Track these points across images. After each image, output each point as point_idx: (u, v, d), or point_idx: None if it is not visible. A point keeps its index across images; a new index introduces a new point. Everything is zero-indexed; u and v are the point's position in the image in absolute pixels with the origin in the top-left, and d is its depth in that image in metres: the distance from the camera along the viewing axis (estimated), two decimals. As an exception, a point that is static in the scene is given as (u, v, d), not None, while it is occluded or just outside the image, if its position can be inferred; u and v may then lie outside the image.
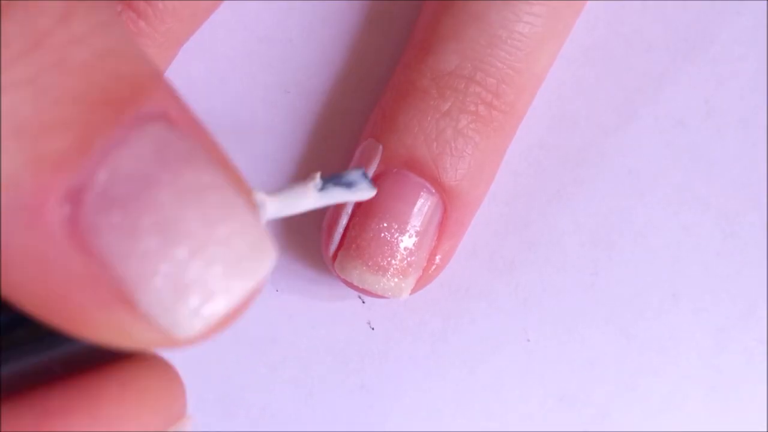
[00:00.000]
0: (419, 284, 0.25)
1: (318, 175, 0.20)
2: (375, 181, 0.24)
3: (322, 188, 0.20)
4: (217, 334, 0.14)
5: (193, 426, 0.15)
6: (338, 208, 0.25)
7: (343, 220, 0.24)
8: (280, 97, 0.27)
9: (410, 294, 0.25)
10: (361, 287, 0.24)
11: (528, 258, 0.27)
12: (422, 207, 0.24)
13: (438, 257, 0.25)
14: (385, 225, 0.24)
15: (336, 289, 0.26)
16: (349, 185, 0.20)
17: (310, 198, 0.19)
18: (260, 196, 0.17)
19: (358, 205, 0.24)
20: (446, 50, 0.24)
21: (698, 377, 0.26)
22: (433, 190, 0.24)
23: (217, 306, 0.13)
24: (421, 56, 0.25)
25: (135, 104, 0.13)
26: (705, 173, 0.27)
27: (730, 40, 0.27)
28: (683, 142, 0.27)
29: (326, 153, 0.27)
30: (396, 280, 0.24)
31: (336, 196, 0.20)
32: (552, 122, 0.27)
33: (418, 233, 0.24)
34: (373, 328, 0.26)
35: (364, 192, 0.20)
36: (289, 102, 0.27)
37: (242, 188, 0.14)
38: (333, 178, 0.20)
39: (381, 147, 0.24)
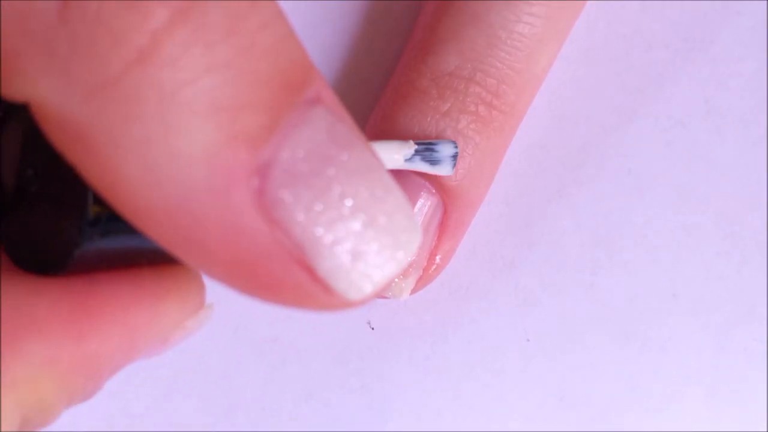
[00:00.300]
0: (419, 284, 0.25)
1: (414, 146, 0.21)
2: None
3: (410, 158, 0.21)
4: (375, 298, 0.15)
5: (209, 317, 0.18)
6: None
7: None
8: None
9: (410, 294, 0.25)
10: (360, 287, 0.24)
11: (528, 258, 0.27)
12: (422, 207, 0.24)
13: (438, 257, 0.25)
14: None
15: (336, 289, 0.26)
16: (433, 162, 0.22)
17: (394, 162, 0.21)
18: None
19: None
20: (446, 51, 0.24)
21: (698, 377, 0.26)
22: (434, 191, 0.24)
23: (387, 272, 0.15)
24: (421, 57, 0.25)
25: (306, 88, 0.14)
26: (705, 173, 0.27)
27: (730, 40, 0.27)
28: (683, 142, 0.27)
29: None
30: (396, 280, 0.24)
31: (417, 166, 0.22)
32: (552, 122, 0.27)
33: None
34: (373, 328, 0.27)
35: (443, 171, 0.22)
36: (289, 102, 0.27)
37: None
38: (425, 150, 0.22)
39: None
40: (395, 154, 0.21)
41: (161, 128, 0.13)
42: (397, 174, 0.24)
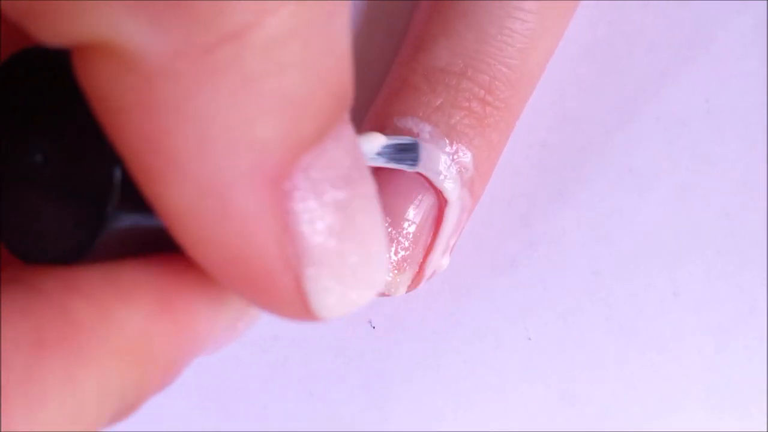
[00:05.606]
0: (416, 281, 0.25)
1: (384, 142, 0.22)
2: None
3: (378, 154, 0.22)
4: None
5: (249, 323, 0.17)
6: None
7: None
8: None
9: (407, 291, 0.25)
10: (356, 283, 0.24)
11: (529, 256, 0.27)
12: (419, 204, 0.24)
13: (434, 254, 0.25)
14: None
15: (336, 288, 0.26)
16: (398, 161, 0.22)
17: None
18: None
19: None
20: (437, 47, 0.24)
21: (698, 376, 0.26)
22: (429, 186, 0.24)
23: (363, 297, 0.15)
24: (413, 53, 0.25)
25: (348, 106, 0.14)
26: (705, 172, 0.27)
27: (731, 39, 0.27)
28: (684, 140, 0.27)
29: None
30: (391, 275, 0.24)
31: (381, 163, 0.22)
32: (553, 121, 0.27)
33: (413, 229, 0.24)
34: (374, 327, 0.27)
35: (406, 168, 0.23)
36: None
37: None
38: (393, 151, 0.22)
39: None
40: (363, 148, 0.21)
41: (229, 108, 0.13)
42: (395, 171, 0.24)
